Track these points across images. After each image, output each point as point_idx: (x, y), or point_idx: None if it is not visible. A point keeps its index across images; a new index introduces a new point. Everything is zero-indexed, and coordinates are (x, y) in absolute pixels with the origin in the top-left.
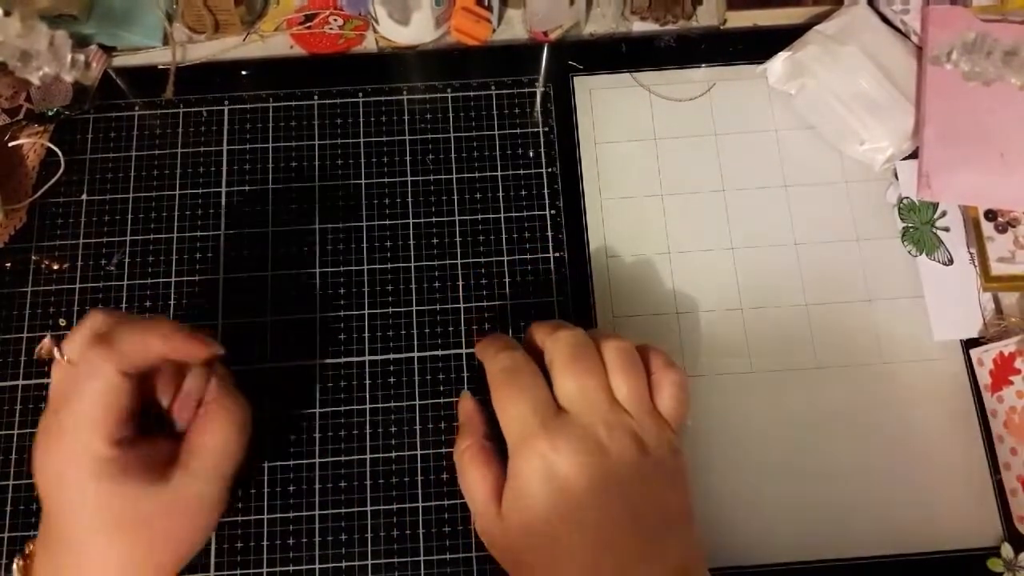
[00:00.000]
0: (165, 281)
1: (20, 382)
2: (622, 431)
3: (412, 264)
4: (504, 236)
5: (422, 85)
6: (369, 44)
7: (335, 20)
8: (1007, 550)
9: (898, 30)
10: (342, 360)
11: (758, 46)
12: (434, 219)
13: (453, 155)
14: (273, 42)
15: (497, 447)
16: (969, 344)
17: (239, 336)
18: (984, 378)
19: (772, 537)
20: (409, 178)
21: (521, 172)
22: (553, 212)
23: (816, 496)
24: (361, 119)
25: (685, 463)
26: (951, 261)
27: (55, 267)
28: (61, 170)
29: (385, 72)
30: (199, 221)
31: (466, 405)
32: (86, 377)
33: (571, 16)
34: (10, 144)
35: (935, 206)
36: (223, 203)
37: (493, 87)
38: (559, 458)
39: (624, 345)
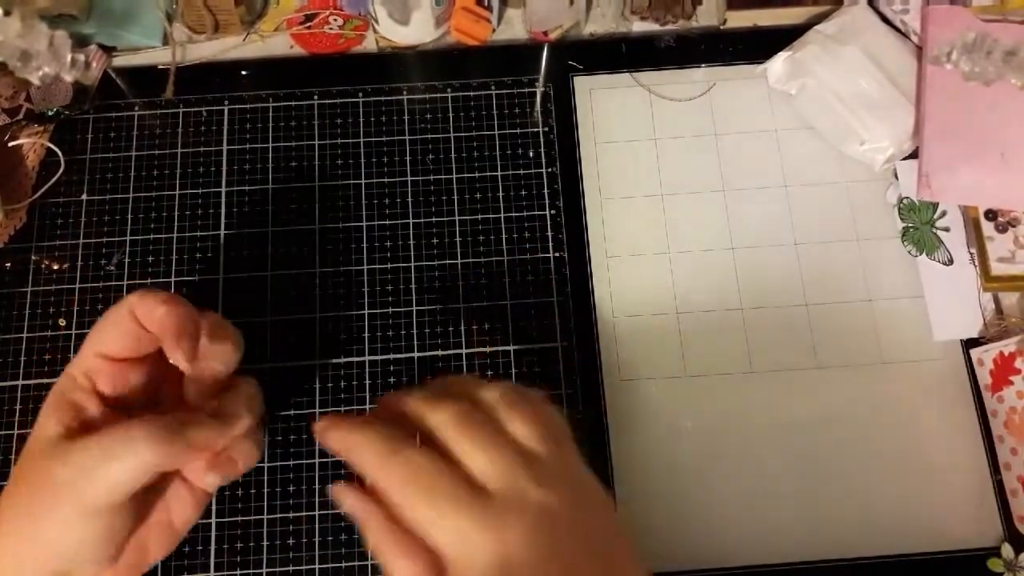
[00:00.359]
0: (165, 281)
1: (20, 382)
2: (546, 479)
3: (412, 264)
4: (504, 236)
5: (422, 85)
6: (369, 44)
7: (335, 20)
8: (1007, 550)
9: (898, 30)
10: (342, 360)
11: (758, 46)
12: (434, 219)
13: (453, 155)
14: (273, 42)
15: (403, 520)
16: (969, 344)
17: None
18: (984, 378)
19: (772, 537)
20: (409, 178)
21: (521, 172)
22: (553, 212)
23: (816, 496)
24: (361, 119)
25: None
26: (951, 261)
27: (55, 267)
28: (61, 170)
29: (385, 72)
30: (199, 221)
31: (354, 504)
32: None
33: (571, 16)
34: (10, 144)
35: (935, 206)
36: (223, 203)
37: (493, 87)
38: (510, 547)
39: (500, 390)
